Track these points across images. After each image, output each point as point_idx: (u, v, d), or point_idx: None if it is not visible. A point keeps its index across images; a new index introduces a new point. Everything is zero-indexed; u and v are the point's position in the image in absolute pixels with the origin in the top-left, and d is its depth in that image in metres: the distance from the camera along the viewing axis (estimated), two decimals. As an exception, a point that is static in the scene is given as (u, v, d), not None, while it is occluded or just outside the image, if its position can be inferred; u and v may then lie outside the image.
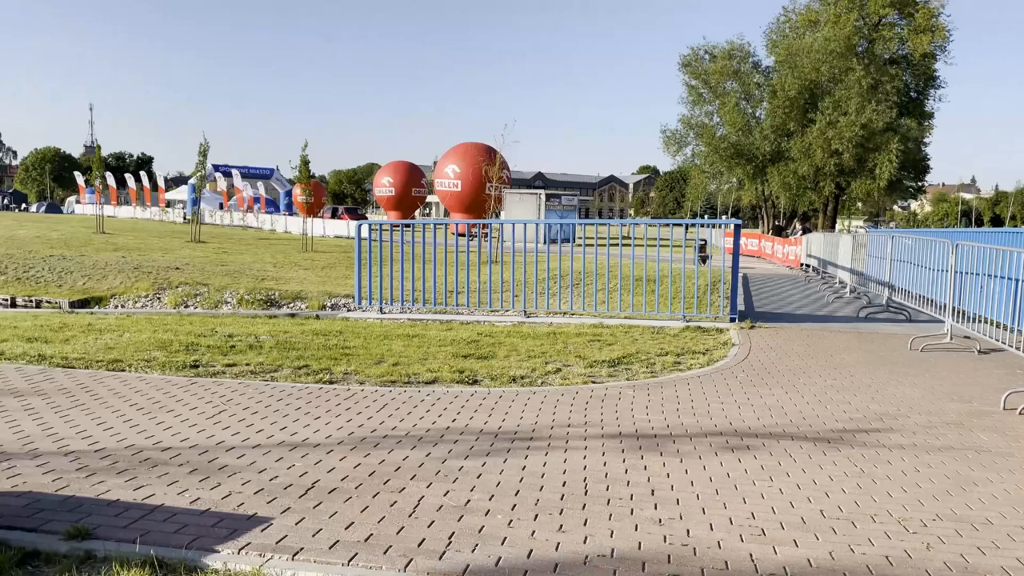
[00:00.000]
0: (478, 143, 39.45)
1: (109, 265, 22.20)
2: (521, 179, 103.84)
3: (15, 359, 7.42)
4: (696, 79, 41.30)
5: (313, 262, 24.23)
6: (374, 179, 52.87)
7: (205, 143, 33.81)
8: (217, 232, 40.22)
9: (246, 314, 13.53)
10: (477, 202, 36.09)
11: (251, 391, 6.38)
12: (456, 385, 6.84)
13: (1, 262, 23.69)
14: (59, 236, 32.19)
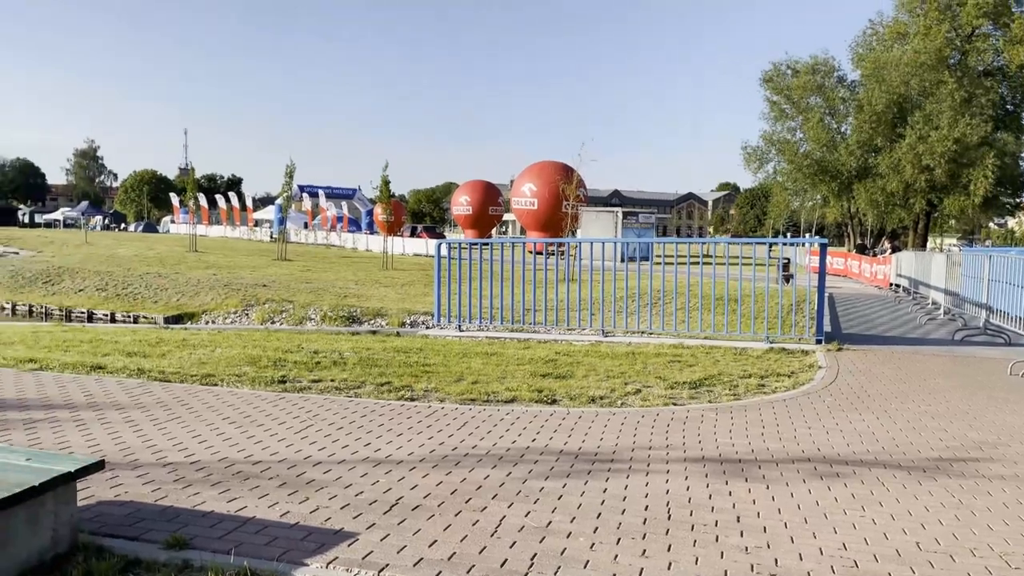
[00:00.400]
0: (555, 161, 39.60)
1: (201, 282, 23.16)
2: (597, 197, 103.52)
3: (116, 373, 7.81)
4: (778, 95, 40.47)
5: (393, 280, 24.70)
6: (452, 198, 53.64)
7: (291, 165, 35.05)
8: (302, 250, 41.50)
9: (330, 331, 13.89)
10: (553, 220, 36.14)
11: (336, 407, 6.54)
12: (535, 404, 6.84)
13: (102, 279, 25.03)
14: (155, 255, 33.80)
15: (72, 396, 6.68)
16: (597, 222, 33.94)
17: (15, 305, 24.05)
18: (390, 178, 32.64)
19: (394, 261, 31.76)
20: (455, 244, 13.08)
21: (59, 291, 24.58)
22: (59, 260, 30.60)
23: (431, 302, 18.03)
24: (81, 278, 25.55)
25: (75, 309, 22.47)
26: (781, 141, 40.96)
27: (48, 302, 23.58)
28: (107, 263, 29.03)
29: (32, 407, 6.23)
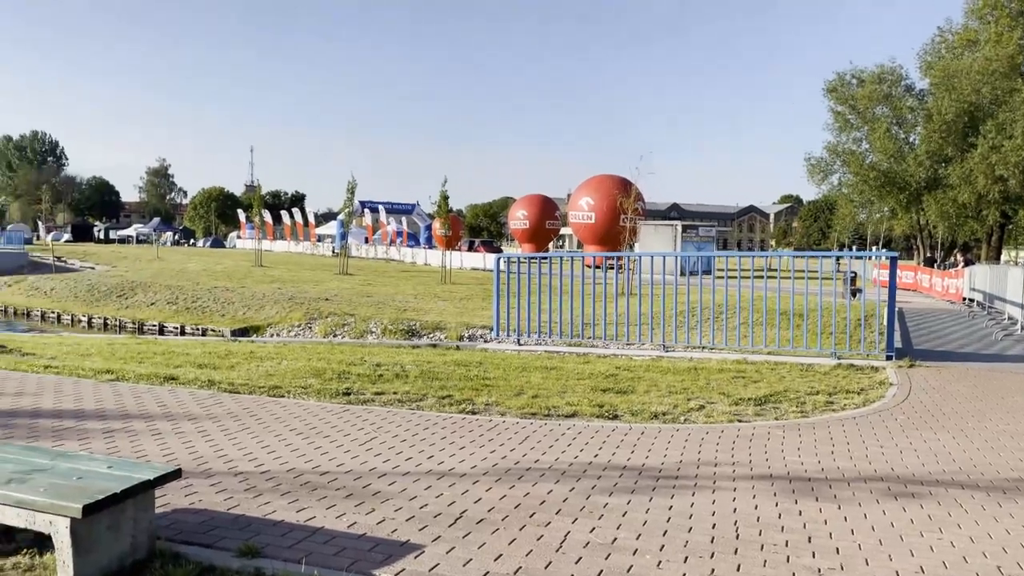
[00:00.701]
0: (612, 175, 39.45)
1: (266, 296, 23.75)
2: (656, 210, 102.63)
3: (188, 384, 8.06)
4: (843, 105, 39.56)
5: (451, 293, 24.91)
6: (509, 212, 53.89)
7: (353, 181, 35.72)
8: (363, 265, 42.21)
9: (391, 344, 14.08)
10: (611, 234, 35.96)
11: (399, 419, 6.62)
12: (596, 419, 6.80)
13: (173, 293, 25.87)
14: (222, 269, 34.80)
15: (147, 406, 6.91)
16: (656, 236, 33.65)
17: (91, 318, 25.02)
18: (448, 193, 33.06)
19: (452, 275, 32.03)
20: (514, 258, 13.13)
21: (132, 304, 25.50)
22: (132, 275, 31.76)
23: (489, 316, 18.13)
24: (153, 292, 26.46)
25: (147, 322, 23.28)
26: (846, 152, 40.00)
27: (122, 315, 24.48)
28: (177, 278, 30.02)
29: (110, 417, 6.47)
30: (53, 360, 9.64)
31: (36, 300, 28.58)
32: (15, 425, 6.08)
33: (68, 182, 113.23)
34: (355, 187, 36.33)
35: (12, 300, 29.57)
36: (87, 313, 25.36)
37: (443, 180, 32.56)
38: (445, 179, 32.87)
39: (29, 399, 7.13)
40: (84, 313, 25.44)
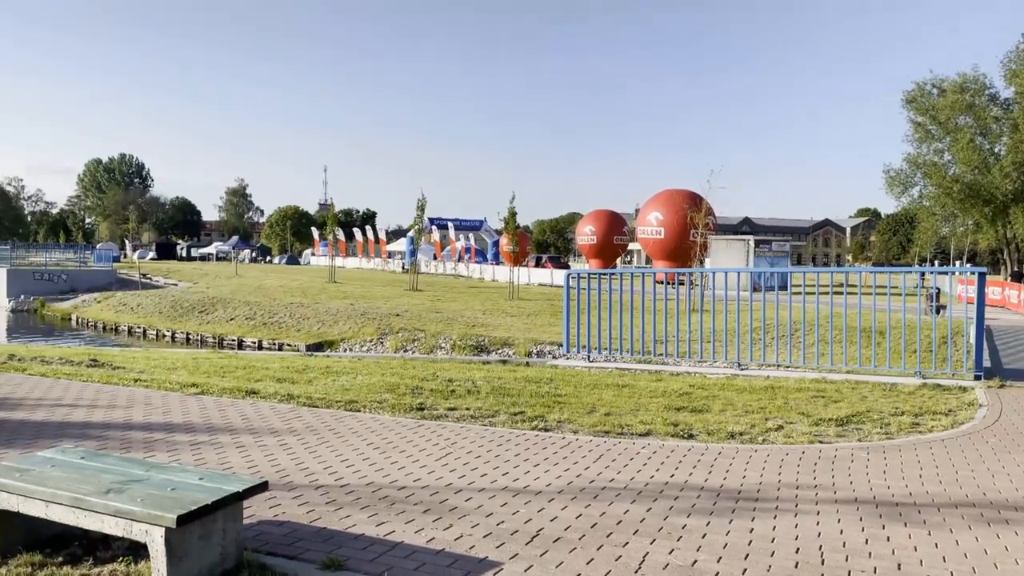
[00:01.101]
0: (682, 190, 39.03)
1: (339, 312, 24.27)
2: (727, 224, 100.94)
3: (269, 398, 8.29)
4: (923, 115, 38.31)
5: (519, 309, 24.98)
6: (576, 228, 53.86)
7: (422, 199, 36.28)
8: (432, 281, 42.73)
9: (461, 360, 14.20)
10: (681, 249, 35.52)
11: (472, 435, 6.66)
12: (671, 439, 6.71)
13: (251, 309, 26.68)
14: (298, 285, 35.74)
15: (231, 419, 7.14)
16: (728, 251, 33.08)
17: (174, 332, 26.00)
18: (516, 209, 33.25)
19: (520, 291, 32.14)
20: (583, 274, 13.10)
21: (212, 320, 26.40)
22: (212, 291, 32.93)
23: (557, 332, 18.10)
24: (232, 308, 27.35)
25: (227, 337, 24.06)
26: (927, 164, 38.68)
27: (203, 330, 25.36)
28: (255, 294, 30.96)
29: (197, 429, 6.71)
30: (142, 374, 10.06)
31: (124, 316, 29.88)
32: (109, 436, 6.36)
33: (153, 202, 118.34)
34: (424, 205, 36.90)
35: (102, 316, 31.00)
36: (171, 328, 26.38)
37: (511, 197, 32.83)
38: (513, 195, 33.13)
39: (121, 411, 7.46)
40: (168, 328, 26.47)
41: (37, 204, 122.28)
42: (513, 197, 32.82)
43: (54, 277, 41.33)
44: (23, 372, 9.94)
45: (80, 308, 33.82)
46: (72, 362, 11.21)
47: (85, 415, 7.25)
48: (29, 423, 6.84)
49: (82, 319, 31.84)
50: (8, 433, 6.42)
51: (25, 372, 9.94)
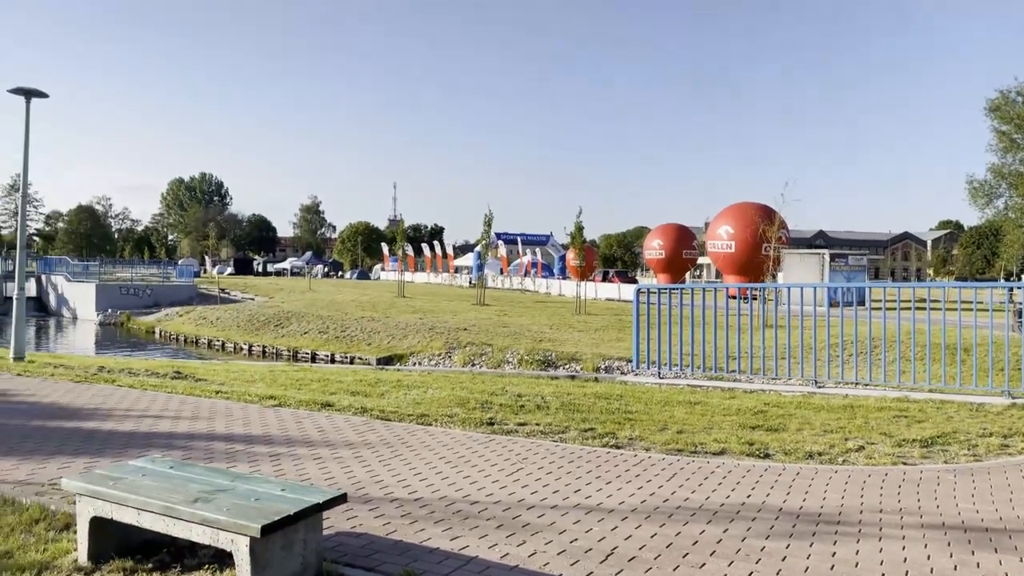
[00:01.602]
0: (753, 203, 38.29)
1: (409, 326, 24.62)
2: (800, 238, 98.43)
3: (343, 411, 8.47)
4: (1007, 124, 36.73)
5: (586, 324, 24.89)
6: (644, 242, 53.38)
7: (489, 214, 36.60)
8: (498, 295, 42.96)
9: (529, 375, 14.22)
10: (753, 264, 34.83)
11: (543, 451, 6.66)
12: (746, 458, 6.57)
13: (323, 323, 27.30)
14: (368, 300, 36.42)
15: (308, 431, 7.32)
16: (802, 265, 32.26)
17: (251, 345, 26.80)
18: (583, 223, 33.21)
19: (587, 306, 32.01)
20: (653, 289, 12.97)
21: (287, 333, 27.12)
22: (287, 305, 33.83)
23: (625, 347, 17.96)
24: (306, 322, 28.05)
25: (301, 350, 24.68)
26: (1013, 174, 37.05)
27: (278, 343, 26.08)
28: (327, 308, 31.68)
29: (275, 441, 6.90)
30: (222, 386, 10.40)
31: (204, 329, 30.98)
32: (193, 447, 6.60)
33: (231, 219, 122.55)
34: (492, 220, 37.22)
35: (183, 329, 32.21)
36: (248, 341, 27.22)
37: (578, 211, 32.82)
38: (580, 210, 33.10)
39: (203, 423, 7.73)
40: (245, 341, 27.31)
41: (123, 222, 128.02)
42: (580, 211, 32.85)
43: (139, 292, 43.17)
44: (112, 383, 10.40)
45: (163, 321, 35.22)
46: (157, 374, 11.68)
47: (170, 426, 7.54)
48: (118, 433, 7.15)
49: (165, 332, 33.15)
50: (99, 442, 6.72)
51: (114, 383, 10.40)
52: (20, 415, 8.00)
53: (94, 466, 5.78)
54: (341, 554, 4.07)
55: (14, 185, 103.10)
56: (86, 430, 7.25)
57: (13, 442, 6.66)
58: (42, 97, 14.21)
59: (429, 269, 69.10)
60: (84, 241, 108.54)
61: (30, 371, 11.56)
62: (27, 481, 5.43)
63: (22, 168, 14.58)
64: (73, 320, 42.58)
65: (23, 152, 14.27)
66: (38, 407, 8.52)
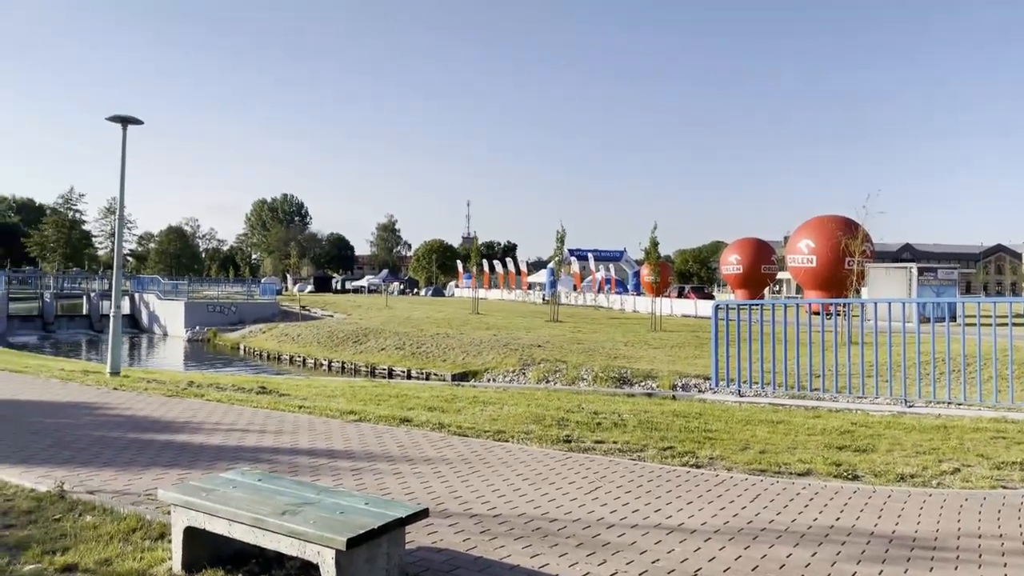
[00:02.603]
0: (835, 216, 37.19)
1: (483, 342, 24.78)
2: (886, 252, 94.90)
3: (421, 426, 8.57)
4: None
5: (662, 341, 24.55)
6: (721, 257, 52.43)
7: (562, 231, 36.67)
8: (572, 312, 42.85)
9: (605, 392, 14.10)
10: (835, 278, 33.77)
11: (621, 469, 6.59)
12: (833, 479, 6.35)
13: (400, 339, 27.73)
14: (443, 316, 36.86)
15: (387, 446, 7.44)
16: (888, 280, 31.12)
17: (331, 361, 27.44)
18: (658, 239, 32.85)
19: (662, 322, 31.59)
20: (732, 305, 12.71)
21: (365, 350, 27.66)
22: (365, 322, 34.54)
23: (703, 365, 17.62)
24: (383, 338, 28.56)
25: (378, 366, 25.12)
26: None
27: (356, 359, 26.62)
28: (403, 324, 32.20)
29: (356, 455, 7.03)
30: (305, 401, 10.67)
31: (286, 345, 31.89)
32: (278, 460, 6.79)
33: (311, 238, 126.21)
34: (564, 236, 37.25)
35: (266, 345, 33.24)
36: (327, 357, 27.88)
37: (652, 226, 32.47)
38: (655, 225, 32.75)
39: (288, 437, 7.95)
40: (325, 357, 27.99)
41: (210, 241, 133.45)
42: (655, 227, 32.51)
43: (225, 309, 44.79)
44: (201, 398, 10.81)
45: (247, 338, 36.42)
46: (243, 389, 12.08)
47: (256, 439, 7.78)
48: (208, 446, 7.42)
49: (249, 348, 34.28)
50: (191, 455, 6.99)
51: (203, 398, 10.81)
52: (117, 427, 8.39)
53: (186, 478, 6.01)
54: (423, 568, 4.11)
55: (110, 208, 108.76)
56: (178, 443, 7.55)
57: (111, 453, 6.99)
58: (137, 124, 14.97)
59: (502, 286, 69.48)
60: (174, 260, 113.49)
61: (125, 385, 12.13)
62: (124, 491, 5.68)
63: (119, 192, 15.40)
64: (164, 336, 44.46)
65: (119, 176, 15.06)
66: (133, 420, 8.92)
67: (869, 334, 12.19)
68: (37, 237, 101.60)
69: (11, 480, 5.91)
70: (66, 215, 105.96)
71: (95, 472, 6.24)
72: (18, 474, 6.09)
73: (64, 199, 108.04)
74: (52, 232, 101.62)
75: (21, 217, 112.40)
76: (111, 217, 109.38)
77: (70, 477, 6.00)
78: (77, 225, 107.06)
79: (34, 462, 6.57)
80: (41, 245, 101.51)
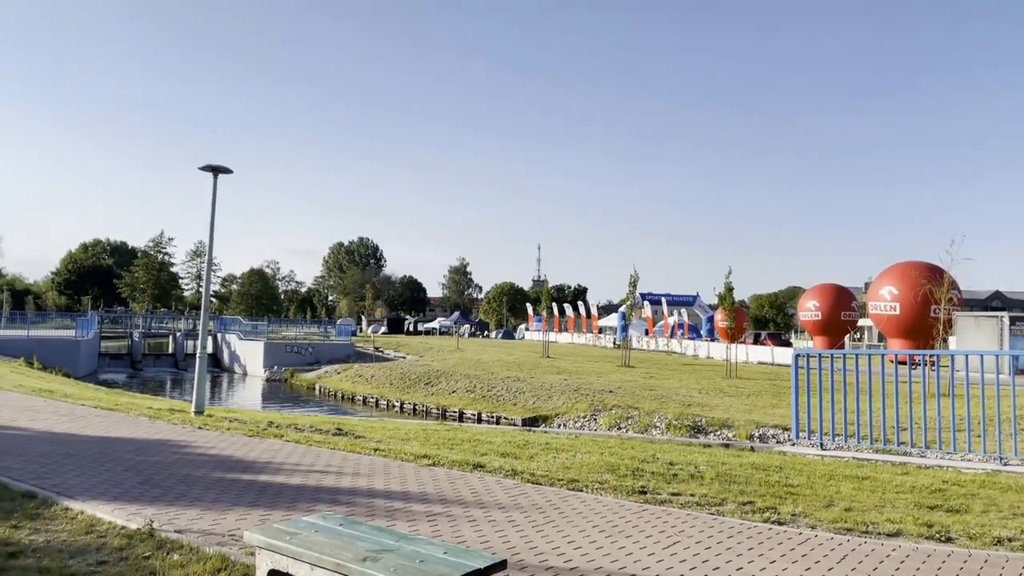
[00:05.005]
0: (919, 262, 35.89)
1: (553, 387, 24.68)
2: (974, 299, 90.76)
3: (494, 472, 8.57)
4: None
5: (738, 389, 23.98)
6: (798, 303, 51.08)
7: (635, 275, 36.44)
8: (643, 357, 42.31)
9: (680, 441, 13.83)
10: (920, 327, 32.46)
11: (699, 524, 6.43)
12: (925, 541, 6.05)
13: (471, 382, 27.87)
14: (513, 359, 36.90)
15: (461, 492, 7.46)
16: (977, 329, 29.76)
17: (403, 403, 27.75)
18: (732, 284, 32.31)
19: (737, 369, 30.88)
20: (813, 354, 12.34)
21: (436, 392, 27.89)
22: (436, 364, 34.87)
23: (781, 414, 17.11)
24: (454, 380, 28.76)
25: (449, 408, 25.26)
26: None
27: (427, 401, 26.85)
28: (474, 367, 32.37)
29: (431, 500, 7.08)
30: (380, 443, 10.81)
31: (359, 386, 32.45)
32: (356, 503, 6.89)
33: (385, 281, 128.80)
34: (637, 280, 37.01)
35: (341, 386, 33.88)
36: (399, 399, 28.22)
37: (727, 271, 32.01)
38: (729, 270, 32.36)
39: (364, 479, 8.06)
40: (397, 399, 28.34)
41: (289, 283, 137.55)
42: (729, 272, 32.08)
43: (302, 350, 45.94)
44: (280, 438, 11.08)
45: (322, 379, 37.21)
46: (320, 430, 12.32)
47: (334, 481, 7.92)
48: (288, 487, 7.59)
49: (324, 389, 35.00)
50: (271, 496, 7.16)
51: (282, 439, 11.07)
52: (202, 466, 8.67)
53: (268, 519, 6.16)
54: (499, 621, 4.08)
55: (197, 251, 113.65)
56: (260, 483, 7.75)
57: (197, 492, 7.22)
58: (227, 173, 15.71)
59: (572, 329, 69.24)
60: (254, 302, 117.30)
61: (209, 425, 12.53)
62: (210, 531, 5.85)
63: (208, 237, 16.12)
64: (243, 376, 45.83)
65: (209, 222, 15.79)
66: (217, 459, 9.20)
67: (959, 386, 11.65)
68: (128, 278, 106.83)
69: (104, 517, 6.16)
70: (156, 257, 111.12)
71: (182, 511, 6.45)
72: (110, 511, 6.35)
73: (155, 242, 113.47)
74: (142, 274, 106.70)
75: (115, 259, 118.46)
76: (197, 260, 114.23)
77: (159, 515, 6.22)
78: (166, 267, 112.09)
79: (125, 499, 6.84)
80: (132, 286, 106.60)
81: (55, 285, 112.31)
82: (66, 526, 5.87)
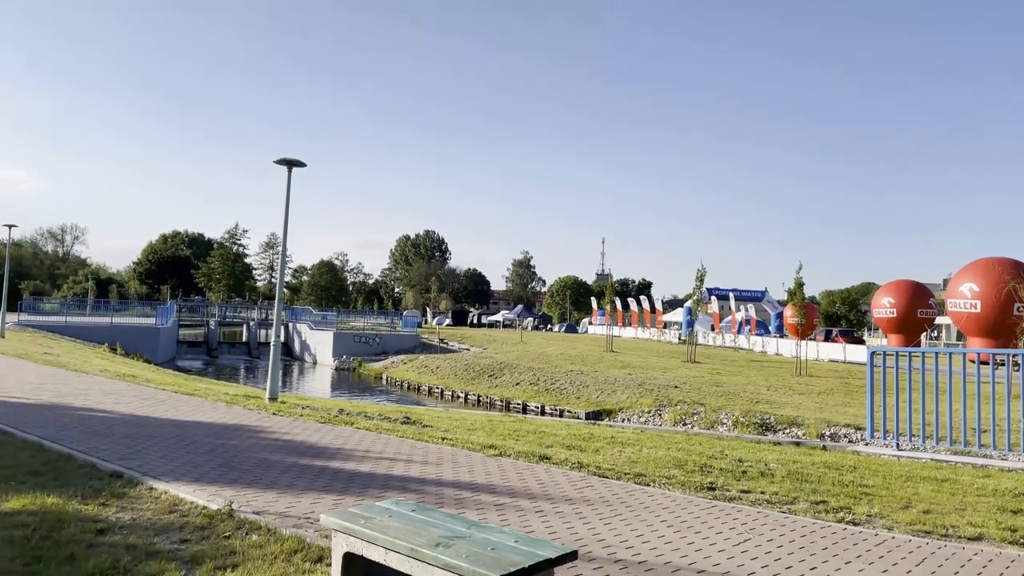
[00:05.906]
0: (1002, 258, 34.41)
1: (617, 381, 24.55)
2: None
3: (560, 464, 8.59)
4: None
5: (808, 387, 23.42)
6: (872, 299, 49.50)
7: (702, 269, 35.91)
8: (709, 353, 41.69)
9: (748, 439, 13.61)
10: (1003, 325, 31.16)
11: (770, 522, 6.33)
12: (1010, 546, 5.83)
13: (534, 375, 27.94)
14: (577, 353, 36.84)
15: (528, 483, 7.51)
16: (1065, 328, 28.33)
17: (467, 394, 28.02)
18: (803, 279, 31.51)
19: (807, 367, 30.15)
20: (890, 352, 11.96)
21: (500, 384, 28.06)
22: (500, 356, 35.08)
23: (853, 414, 16.66)
24: (517, 373, 28.88)
25: (513, 400, 25.39)
26: None
27: (491, 393, 27.03)
28: (538, 360, 32.45)
29: (499, 491, 7.14)
30: (447, 433, 10.96)
31: (425, 376, 32.89)
32: (425, 491, 7.01)
33: (450, 273, 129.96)
34: (704, 275, 36.47)
35: (407, 376, 34.40)
36: (464, 390, 28.50)
37: (798, 266, 31.20)
38: (800, 265, 31.45)
39: (432, 467, 8.19)
40: (462, 389, 28.63)
41: (357, 275, 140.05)
42: (800, 267, 31.22)
43: (369, 340, 46.82)
44: (351, 426, 11.33)
45: (389, 368, 37.85)
46: (389, 418, 12.55)
47: (403, 469, 8.07)
48: (359, 473, 7.76)
49: (390, 378, 35.60)
50: (343, 481, 7.34)
51: (353, 426, 11.32)
52: (277, 451, 8.94)
53: (340, 503, 6.32)
54: (569, 611, 4.12)
55: (270, 242, 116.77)
56: (332, 469, 7.95)
57: (273, 475, 7.46)
58: (301, 167, 16.08)
59: (636, 324, 68.67)
60: (324, 293, 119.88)
61: (282, 411, 12.90)
62: (286, 513, 6.04)
63: (282, 228, 16.55)
64: (313, 364, 46.97)
65: (283, 214, 16.19)
66: (291, 445, 9.47)
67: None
68: (205, 269, 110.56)
69: (187, 497, 6.42)
70: (231, 249, 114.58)
71: (259, 493, 6.67)
72: (192, 491, 6.61)
73: (230, 234, 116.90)
74: (218, 264, 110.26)
75: (192, 251, 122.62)
76: (270, 251, 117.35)
77: (237, 497, 6.44)
78: (240, 258, 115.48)
79: (205, 480, 7.11)
80: (208, 276, 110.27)
81: (136, 275, 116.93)
82: (151, 505, 6.14)
